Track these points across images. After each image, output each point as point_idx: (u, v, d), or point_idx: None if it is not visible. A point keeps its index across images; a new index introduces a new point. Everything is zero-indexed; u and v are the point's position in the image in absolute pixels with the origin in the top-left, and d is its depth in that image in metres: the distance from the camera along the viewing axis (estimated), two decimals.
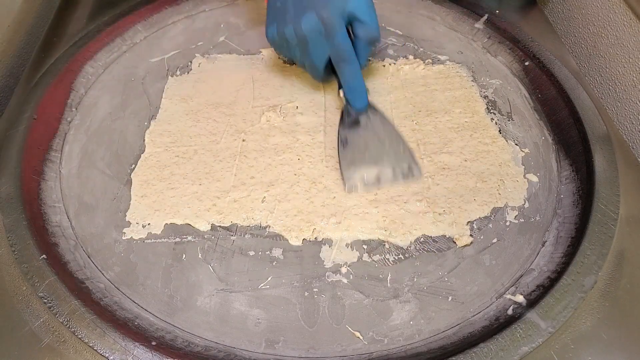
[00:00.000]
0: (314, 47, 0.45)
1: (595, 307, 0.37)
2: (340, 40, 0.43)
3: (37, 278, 0.37)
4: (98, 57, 0.55)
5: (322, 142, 0.48)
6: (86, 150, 0.48)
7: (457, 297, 0.39)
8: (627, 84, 0.55)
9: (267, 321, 0.37)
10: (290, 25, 0.44)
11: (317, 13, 0.42)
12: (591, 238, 0.39)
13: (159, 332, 0.36)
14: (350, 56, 0.44)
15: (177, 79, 0.54)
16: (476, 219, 0.43)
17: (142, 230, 0.42)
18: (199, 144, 0.48)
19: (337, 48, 0.44)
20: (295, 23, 0.44)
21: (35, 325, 0.36)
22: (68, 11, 0.62)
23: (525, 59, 0.55)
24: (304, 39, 0.44)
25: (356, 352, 0.36)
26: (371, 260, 0.41)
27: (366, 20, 0.44)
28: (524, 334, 0.35)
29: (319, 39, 0.44)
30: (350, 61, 0.45)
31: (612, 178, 0.43)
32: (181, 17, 0.61)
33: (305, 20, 0.43)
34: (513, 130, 0.50)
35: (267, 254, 0.41)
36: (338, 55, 0.44)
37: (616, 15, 0.56)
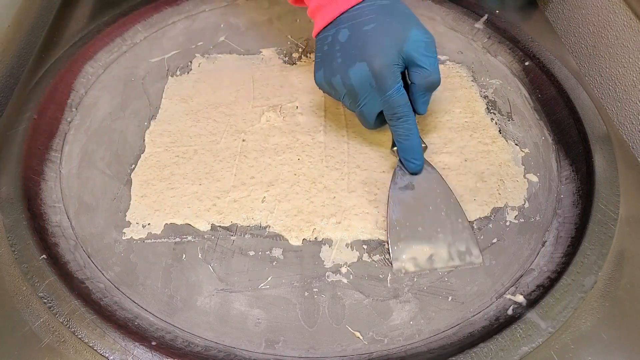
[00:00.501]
0: (364, 100, 0.40)
1: (595, 307, 0.37)
2: (394, 95, 0.38)
3: (37, 278, 0.37)
4: (98, 57, 0.55)
5: (322, 142, 0.48)
6: (86, 150, 0.48)
7: (457, 297, 0.39)
8: (627, 84, 0.55)
9: (267, 321, 0.37)
10: (338, 75, 0.40)
11: (368, 64, 0.38)
12: (591, 238, 0.39)
13: (159, 332, 0.36)
14: (405, 113, 0.40)
15: (177, 79, 0.54)
16: (476, 219, 0.43)
17: (142, 230, 0.42)
18: (199, 144, 0.48)
19: (390, 103, 0.39)
20: (343, 73, 0.39)
21: (35, 325, 0.36)
22: (68, 11, 0.62)
23: (525, 59, 0.55)
24: (353, 91, 0.40)
25: (356, 352, 0.36)
26: (371, 260, 0.41)
27: (425, 64, 0.39)
28: (524, 334, 0.35)
29: (370, 92, 0.39)
30: (405, 119, 0.40)
31: (612, 178, 0.43)
32: (181, 17, 0.61)
33: (354, 71, 0.39)
34: (513, 130, 0.50)
35: (267, 254, 0.41)
36: (391, 111, 0.40)
37: (616, 15, 0.56)
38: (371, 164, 0.46)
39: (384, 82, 0.38)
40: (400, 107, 0.39)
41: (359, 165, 0.46)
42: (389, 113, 0.40)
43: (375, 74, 0.38)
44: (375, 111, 0.41)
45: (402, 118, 0.40)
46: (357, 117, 0.45)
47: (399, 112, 0.40)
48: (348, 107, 0.43)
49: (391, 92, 0.38)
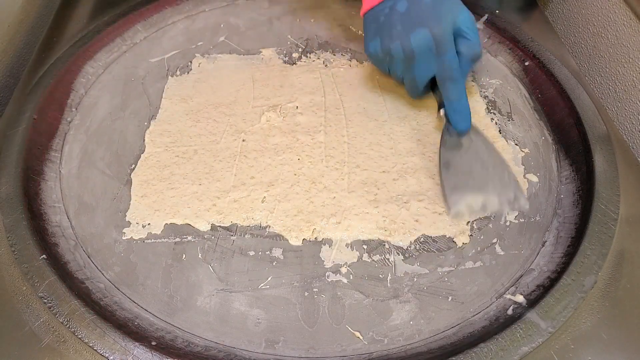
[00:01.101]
0: (420, 64, 0.44)
1: (595, 307, 0.37)
2: (450, 58, 0.42)
3: (37, 278, 0.37)
4: (98, 57, 0.55)
5: (322, 142, 0.48)
6: (86, 150, 0.48)
7: (457, 297, 0.39)
8: (627, 84, 0.55)
9: (267, 321, 0.37)
10: (397, 41, 0.43)
11: (429, 29, 0.42)
12: (591, 238, 0.39)
13: (159, 332, 0.36)
14: (457, 75, 0.43)
15: (177, 79, 0.54)
16: (476, 219, 0.43)
17: (142, 230, 0.42)
18: (199, 144, 0.48)
19: (446, 66, 0.43)
20: (403, 39, 0.43)
21: (35, 325, 0.36)
22: (68, 11, 0.62)
23: (525, 59, 0.55)
24: (411, 55, 0.43)
25: (356, 352, 0.36)
26: (371, 260, 0.41)
27: (471, 36, 0.43)
28: (524, 334, 0.35)
29: (428, 55, 0.43)
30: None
31: (612, 178, 0.43)
32: (181, 17, 0.61)
33: (415, 36, 0.42)
34: (513, 130, 0.50)
35: (267, 254, 0.41)
36: (445, 73, 0.43)
37: (616, 15, 0.56)
38: (371, 164, 0.46)
39: (442, 45, 0.42)
40: (455, 69, 0.43)
41: (359, 165, 0.46)
42: (443, 75, 0.44)
43: (436, 38, 0.42)
44: (429, 75, 0.45)
45: (455, 80, 0.43)
46: (406, 85, 0.48)
47: (454, 74, 0.43)
48: (399, 74, 0.46)
49: (449, 55, 0.42)
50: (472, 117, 0.50)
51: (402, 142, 0.48)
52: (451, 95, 0.44)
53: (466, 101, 0.45)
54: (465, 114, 0.45)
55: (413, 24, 0.42)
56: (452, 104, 0.45)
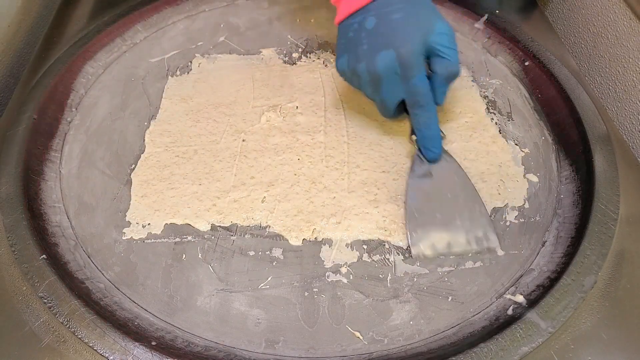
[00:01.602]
0: (387, 87, 0.41)
1: (595, 307, 0.37)
2: (417, 83, 0.39)
3: (37, 278, 0.37)
4: (98, 57, 0.55)
5: (322, 142, 0.48)
6: (86, 150, 0.48)
7: (457, 297, 0.39)
8: (627, 84, 0.55)
9: (267, 321, 0.37)
10: (363, 62, 0.40)
11: (395, 51, 0.38)
12: (591, 238, 0.39)
13: (159, 332, 0.36)
14: (426, 101, 0.40)
15: (177, 79, 0.54)
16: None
17: (142, 230, 0.42)
18: (199, 144, 0.48)
19: (413, 91, 0.40)
20: (369, 60, 0.40)
21: (35, 325, 0.36)
22: (68, 11, 0.62)
23: (525, 59, 0.55)
24: (377, 77, 0.40)
25: (356, 352, 0.36)
26: (371, 260, 0.41)
27: (447, 54, 0.40)
28: (524, 334, 0.35)
29: (394, 79, 0.40)
30: (426, 107, 0.41)
31: (612, 178, 0.43)
32: (181, 17, 0.61)
33: (380, 58, 0.39)
34: (513, 130, 0.50)
35: (267, 254, 0.41)
36: (413, 99, 0.41)
37: (616, 15, 0.56)
38: (371, 164, 0.46)
39: (409, 69, 0.39)
40: (423, 95, 0.40)
41: (359, 165, 0.46)
42: (411, 101, 0.41)
43: (402, 61, 0.39)
44: (397, 99, 0.42)
45: (423, 106, 0.41)
46: (377, 106, 0.45)
47: (421, 100, 0.40)
48: (368, 95, 0.43)
49: (415, 80, 0.39)
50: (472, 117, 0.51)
51: (402, 142, 0.48)
52: (419, 122, 0.42)
53: (436, 128, 0.42)
54: (435, 142, 0.43)
55: (379, 44, 0.39)
56: (420, 132, 0.43)
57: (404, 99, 0.41)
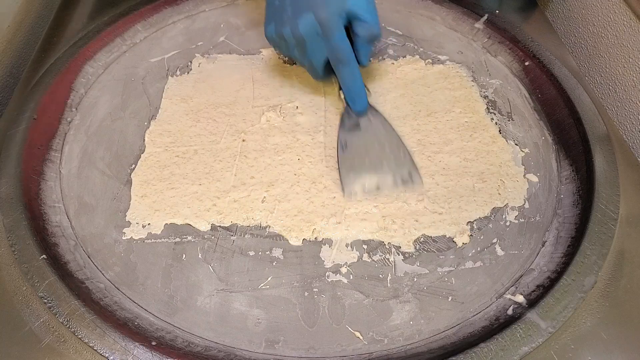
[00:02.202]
0: (311, 48, 0.44)
1: (595, 307, 0.37)
2: (337, 42, 0.42)
3: (37, 278, 0.37)
4: (98, 57, 0.55)
5: (322, 142, 0.48)
6: (86, 150, 0.48)
7: (457, 297, 0.39)
8: (627, 84, 0.55)
9: (267, 321, 0.37)
10: (287, 26, 0.43)
11: (314, 13, 0.41)
12: (591, 238, 0.39)
13: (159, 332, 0.36)
14: (347, 57, 0.43)
15: (177, 79, 0.54)
16: (476, 219, 0.43)
17: (142, 230, 0.42)
18: (199, 144, 0.48)
19: (334, 49, 0.43)
20: (292, 24, 0.43)
21: (35, 325, 0.36)
22: (68, 11, 0.62)
23: (525, 59, 0.55)
24: (301, 40, 0.43)
25: (356, 352, 0.36)
26: (371, 260, 0.41)
27: (366, 18, 0.43)
28: (524, 334, 0.35)
29: (317, 39, 0.43)
30: (348, 62, 0.44)
31: (612, 178, 0.43)
32: (181, 17, 0.61)
33: (302, 21, 0.42)
34: (513, 130, 0.50)
35: (267, 254, 0.41)
36: (335, 56, 0.43)
37: (616, 15, 0.56)
38: None
39: (328, 29, 0.42)
40: (345, 52, 0.43)
41: None
42: (334, 59, 0.44)
43: (321, 22, 0.41)
44: (322, 58, 0.44)
45: (345, 62, 0.43)
46: (306, 69, 0.48)
47: (343, 57, 0.43)
48: (298, 59, 0.47)
49: (336, 38, 0.42)
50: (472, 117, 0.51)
51: None
52: (343, 78, 0.45)
53: (360, 82, 0.45)
54: (360, 96, 0.46)
55: (301, 9, 0.42)
56: (345, 87, 0.46)
57: (328, 58, 0.44)
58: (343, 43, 0.43)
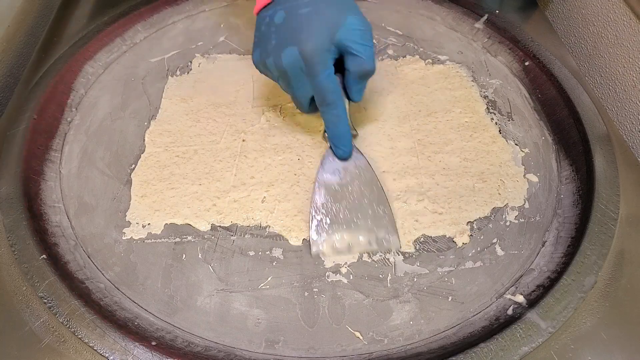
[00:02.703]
0: (295, 83, 0.40)
1: (595, 307, 0.37)
2: (323, 81, 0.38)
3: (37, 278, 0.37)
4: (98, 57, 0.55)
5: (322, 142, 0.48)
6: (86, 150, 0.48)
7: (457, 297, 0.39)
8: (627, 84, 0.55)
9: (267, 321, 0.37)
10: (271, 57, 0.40)
11: (298, 48, 0.37)
12: (591, 238, 0.39)
13: (159, 332, 0.36)
14: (333, 99, 0.40)
15: (177, 79, 0.54)
16: (476, 219, 0.43)
17: (142, 230, 0.42)
18: (199, 144, 0.48)
19: (319, 89, 0.39)
20: (275, 56, 0.39)
21: (35, 325, 0.36)
22: (68, 11, 0.62)
23: (525, 59, 0.55)
24: (284, 74, 0.40)
25: (356, 352, 0.36)
26: (371, 260, 0.41)
27: (359, 51, 0.39)
28: (524, 334, 0.35)
29: (301, 75, 0.39)
30: (334, 105, 0.40)
31: (612, 178, 0.43)
32: (181, 17, 0.61)
33: (285, 54, 0.38)
34: (513, 130, 0.50)
35: (267, 254, 0.41)
36: (320, 96, 0.40)
37: (616, 15, 0.56)
38: (371, 164, 0.46)
39: (313, 67, 0.38)
40: (329, 93, 0.39)
41: None
42: (318, 98, 0.40)
43: (305, 58, 0.38)
44: (307, 95, 0.41)
45: (330, 105, 0.40)
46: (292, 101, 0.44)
47: (327, 99, 0.40)
48: (283, 89, 0.43)
49: (320, 78, 0.38)
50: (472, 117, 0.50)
51: (402, 142, 0.48)
52: (327, 120, 0.41)
53: (345, 126, 0.42)
54: (343, 140, 0.42)
55: (285, 41, 0.38)
56: (329, 129, 0.42)
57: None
58: (329, 83, 0.39)
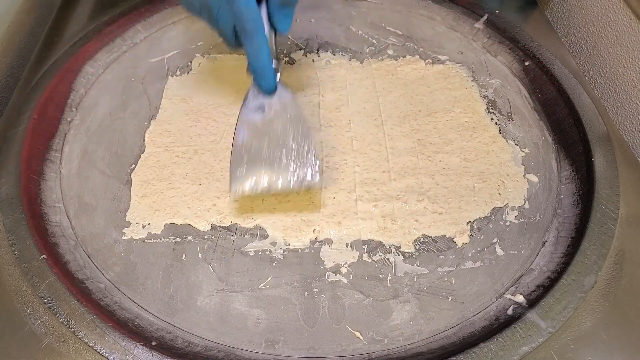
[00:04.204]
0: (216, 12, 0.38)
1: (595, 307, 0.37)
2: (241, 7, 0.37)
3: (37, 278, 0.37)
4: (98, 57, 0.55)
5: (322, 142, 0.48)
6: (86, 150, 0.48)
7: (457, 297, 0.39)
8: (627, 84, 0.55)
9: (267, 321, 0.37)
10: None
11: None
12: (591, 238, 0.39)
13: (159, 332, 0.36)
14: (253, 28, 0.38)
15: (177, 79, 0.54)
16: (476, 219, 0.43)
17: (142, 230, 0.42)
18: (199, 144, 0.48)
19: (238, 17, 0.37)
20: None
21: (35, 325, 0.36)
22: (68, 11, 0.62)
23: (525, 59, 0.55)
24: (205, 4, 0.38)
25: (356, 352, 0.36)
26: (371, 260, 0.41)
27: None
28: (524, 334, 0.35)
29: (222, 4, 0.37)
30: (254, 34, 0.38)
31: (612, 178, 0.43)
32: (181, 17, 0.61)
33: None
34: (513, 130, 0.50)
35: (267, 254, 0.41)
36: (239, 25, 0.38)
37: (616, 15, 0.56)
38: (371, 164, 0.46)
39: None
40: (249, 20, 0.38)
41: (359, 165, 0.46)
42: (238, 27, 0.39)
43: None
44: (230, 25, 0.39)
45: (250, 33, 0.38)
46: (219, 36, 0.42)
47: (247, 27, 0.38)
48: (208, 23, 0.41)
49: (238, 4, 0.37)
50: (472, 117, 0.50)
51: (402, 142, 0.48)
52: (247, 51, 0.39)
53: (266, 58, 0.39)
54: (265, 71, 0.40)
55: None
56: (250, 60, 0.40)
57: None
58: (248, 10, 0.37)
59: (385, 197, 0.44)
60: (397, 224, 0.42)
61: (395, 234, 0.42)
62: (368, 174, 0.46)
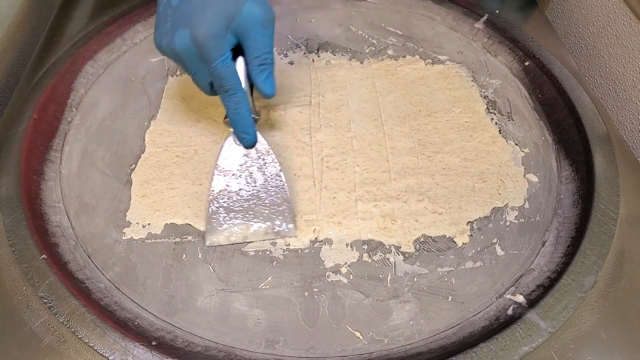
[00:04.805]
0: (191, 67, 0.38)
1: (595, 307, 0.37)
2: (218, 67, 0.37)
3: (37, 278, 0.37)
4: (98, 57, 0.55)
5: (322, 142, 0.48)
6: (86, 150, 0.48)
7: (457, 297, 0.39)
8: (627, 84, 0.55)
9: (267, 321, 0.37)
10: (165, 39, 0.37)
11: (191, 32, 0.35)
12: (591, 238, 0.39)
13: (159, 332, 0.36)
14: (231, 86, 0.38)
15: (177, 79, 0.54)
16: (476, 219, 0.43)
17: (142, 230, 0.42)
18: (199, 144, 0.48)
19: (215, 75, 0.37)
20: (169, 38, 0.37)
21: (35, 325, 0.36)
22: (68, 11, 0.62)
23: (525, 59, 0.55)
24: (178, 58, 0.37)
25: (356, 352, 0.36)
26: (371, 260, 0.41)
27: (256, 40, 0.37)
28: (524, 334, 0.35)
29: (196, 61, 0.37)
30: (232, 91, 0.38)
31: (612, 178, 0.43)
32: None
33: (178, 38, 0.36)
34: (513, 130, 0.50)
35: (267, 254, 0.41)
36: (217, 83, 0.38)
37: (616, 15, 0.56)
38: (371, 164, 0.46)
39: (206, 53, 0.36)
40: (226, 79, 0.38)
41: (359, 165, 0.46)
42: (215, 84, 0.38)
43: (198, 43, 0.36)
44: (206, 81, 0.39)
45: (229, 91, 0.38)
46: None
47: (225, 85, 0.38)
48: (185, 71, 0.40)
49: (215, 64, 0.37)
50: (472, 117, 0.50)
51: (402, 142, 0.48)
52: (226, 106, 0.39)
53: (245, 113, 0.39)
54: (246, 128, 0.40)
55: (178, 23, 0.36)
56: (230, 118, 0.40)
57: None
58: (225, 69, 0.37)
59: (385, 197, 0.44)
60: (397, 224, 0.42)
61: (395, 234, 0.42)
62: (368, 174, 0.46)
